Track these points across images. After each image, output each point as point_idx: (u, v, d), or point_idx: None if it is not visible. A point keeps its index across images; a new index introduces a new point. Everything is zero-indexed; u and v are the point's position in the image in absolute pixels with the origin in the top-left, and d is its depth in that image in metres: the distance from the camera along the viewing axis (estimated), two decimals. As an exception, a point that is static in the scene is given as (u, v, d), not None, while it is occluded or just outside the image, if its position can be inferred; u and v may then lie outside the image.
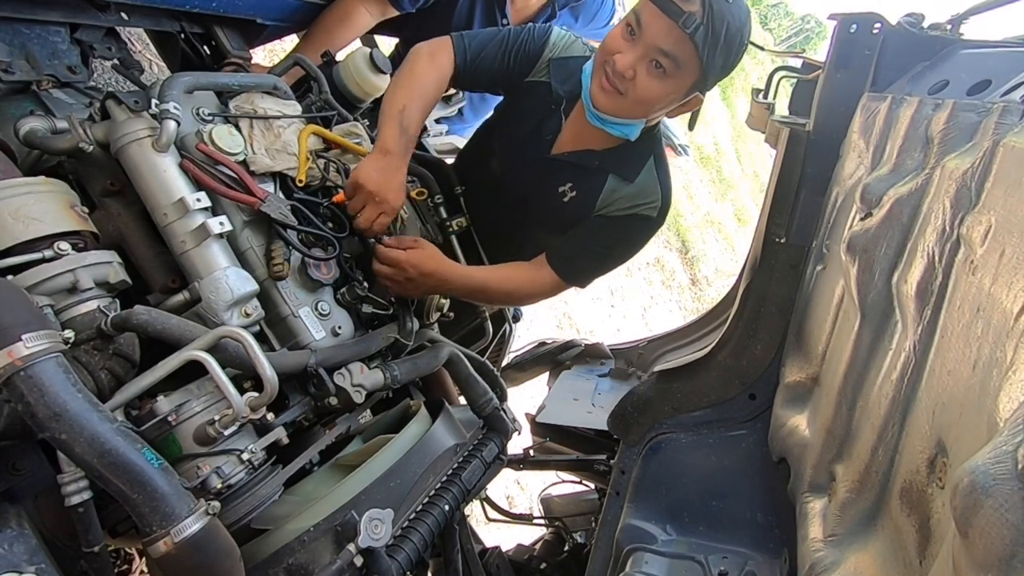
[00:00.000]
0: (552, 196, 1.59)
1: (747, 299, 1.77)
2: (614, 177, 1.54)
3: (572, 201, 1.58)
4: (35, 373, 0.75)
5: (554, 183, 1.59)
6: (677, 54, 1.29)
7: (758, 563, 1.55)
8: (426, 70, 1.47)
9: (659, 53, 1.30)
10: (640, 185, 1.54)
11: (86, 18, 1.37)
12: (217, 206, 1.15)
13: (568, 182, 1.58)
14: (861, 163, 1.47)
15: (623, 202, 1.55)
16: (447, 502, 1.23)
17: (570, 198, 1.58)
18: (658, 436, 1.81)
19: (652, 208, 1.55)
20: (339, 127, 1.46)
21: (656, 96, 1.37)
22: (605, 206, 1.56)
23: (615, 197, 1.55)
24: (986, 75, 1.24)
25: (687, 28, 1.24)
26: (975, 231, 0.89)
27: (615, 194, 1.55)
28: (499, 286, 1.58)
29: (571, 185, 1.58)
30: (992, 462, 0.56)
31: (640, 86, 1.34)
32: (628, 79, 1.34)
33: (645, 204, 1.54)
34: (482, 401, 1.47)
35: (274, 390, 0.96)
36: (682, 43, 1.27)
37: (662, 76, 1.33)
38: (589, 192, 1.56)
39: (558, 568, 2.12)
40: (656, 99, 1.38)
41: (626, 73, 1.33)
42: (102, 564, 0.88)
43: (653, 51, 1.30)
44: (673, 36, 1.27)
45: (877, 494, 1.06)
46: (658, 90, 1.35)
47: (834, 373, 1.31)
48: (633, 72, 1.33)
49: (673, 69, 1.31)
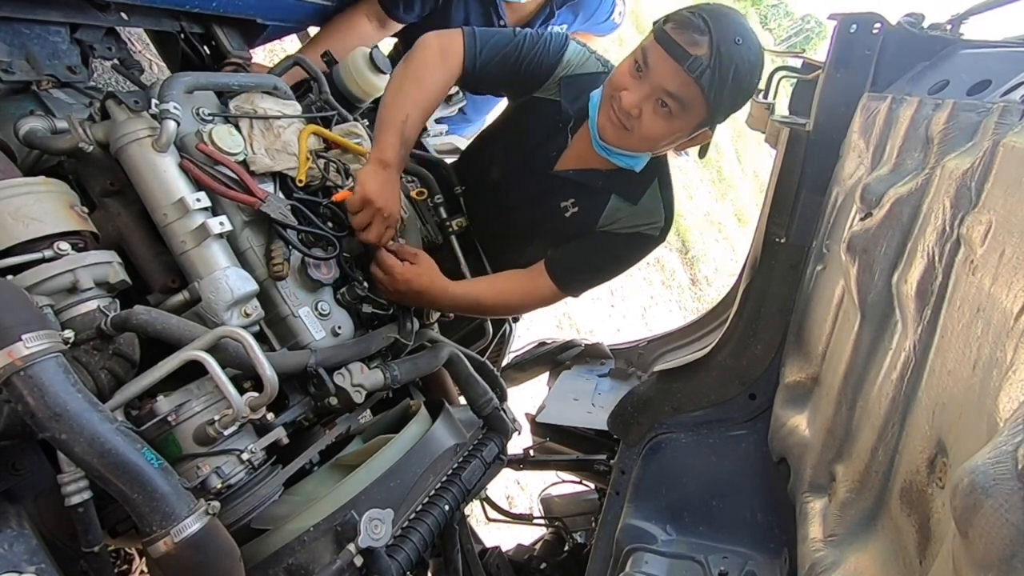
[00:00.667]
0: (553, 210, 1.59)
1: (747, 299, 1.77)
2: (617, 197, 1.55)
3: (574, 217, 1.58)
4: (35, 373, 0.75)
5: (556, 198, 1.59)
6: (683, 96, 1.28)
7: (758, 563, 1.55)
8: (433, 73, 1.42)
9: (665, 94, 1.29)
10: (643, 206, 1.55)
11: (86, 18, 1.37)
12: (217, 206, 1.15)
13: (571, 198, 1.58)
14: (861, 163, 1.47)
15: (626, 221, 1.55)
16: (447, 502, 1.23)
17: (572, 213, 1.58)
18: (658, 436, 1.81)
19: (655, 228, 1.56)
20: (339, 127, 1.46)
21: (661, 135, 1.37)
22: (608, 224, 1.56)
23: (618, 216, 1.55)
24: (986, 75, 1.24)
25: (692, 72, 1.24)
26: (975, 231, 0.89)
27: (618, 213, 1.55)
28: (494, 301, 1.58)
29: (573, 201, 1.58)
30: (992, 462, 0.56)
31: (645, 124, 1.34)
32: (634, 117, 1.33)
33: (648, 224, 1.56)
34: (482, 401, 1.47)
35: (274, 390, 0.96)
36: (688, 86, 1.26)
37: (668, 116, 1.32)
38: (591, 209, 1.56)
39: (558, 568, 2.12)
40: (661, 137, 1.38)
41: (632, 111, 1.33)
42: (102, 564, 0.88)
43: (659, 91, 1.29)
44: (679, 79, 1.26)
45: (877, 494, 1.06)
46: (663, 129, 1.35)
47: (834, 373, 1.31)
48: (639, 111, 1.32)
49: (679, 110, 1.31)
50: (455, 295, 1.50)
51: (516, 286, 1.60)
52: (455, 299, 1.50)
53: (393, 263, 1.38)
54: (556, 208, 1.59)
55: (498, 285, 1.60)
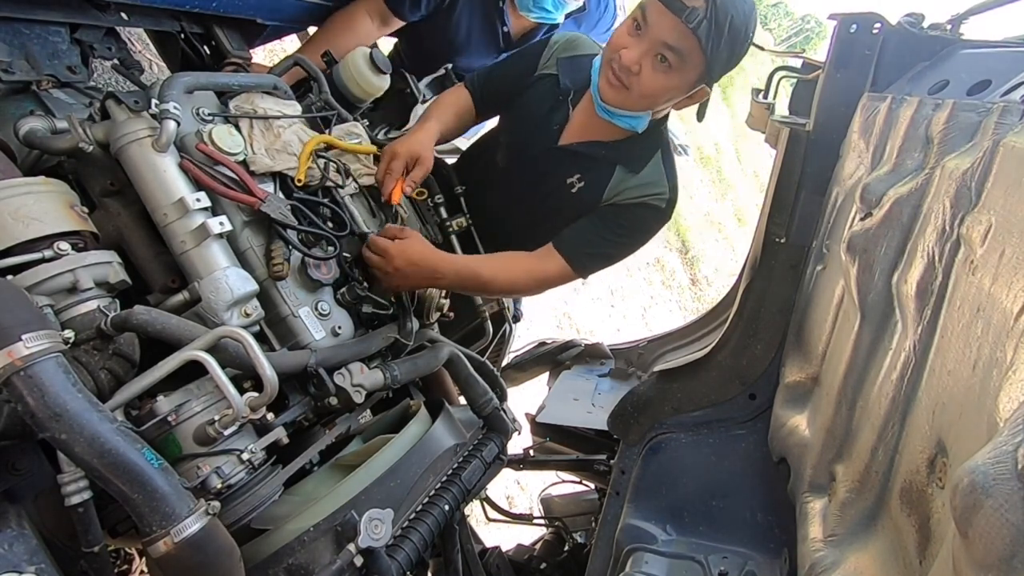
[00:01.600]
0: (560, 187, 1.60)
1: (747, 299, 1.77)
2: (621, 168, 1.56)
3: (580, 192, 1.59)
4: (35, 373, 0.75)
5: (562, 174, 1.60)
6: (681, 48, 1.31)
7: (758, 563, 1.55)
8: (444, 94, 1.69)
9: (664, 47, 1.32)
10: (647, 176, 1.56)
11: (86, 18, 1.37)
12: (217, 206, 1.15)
13: (576, 173, 1.59)
14: (861, 163, 1.47)
15: (631, 192, 1.56)
16: (447, 502, 1.23)
17: (578, 189, 1.59)
18: (658, 436, 1.81)
19: (660, 199, 1.56)
20: (339, 127, 1.46)
21: (661, 89, 1.40)
22: (613, 196, 1.57)
23: (623, 187, 1.56)
24: (986, 75, 1.24)
25: (690, 23, 1.27)
26: (975, 231, 0.89)
27: (622, 184, 1.56)
28: (495, 275, 1.56)
29: (579, 176, 1.59)
30: (992, 462, 0.56)
31: (645, 80, 1.37)
32: (634, 73, 1.37)
33: (653, 195, 1.56)
34: (482, 401, 1.47)
35: (274, 390, 0.96)
36: (686, 37, 1.29)
37: (667, 70, 1.36)
38: (597, 183, 1.57)
39: (558, 568, 2.12)
40: (661, 92, 1.41)
41: (632, 68, 1.36)
42: (102, 564, 0.88)
43: (658, 45, 1.33)
44: (678, 31, 1.29)
45: (877, 494, 1.06)
46: (663, 83, 1.38)
47: (834, 373, 1.31)
48: (639, 67, 1.36)
49: (678, 63, 1.34)
50: (454, 260, 1.51)
51: (521, 263, 1.59)
52: (454, 265, 1.50)
53: (385, 242, 1.39)
54: (563, 184, 1.60)
55: (501, 260, 1.59)
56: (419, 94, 1.95)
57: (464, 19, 2.01)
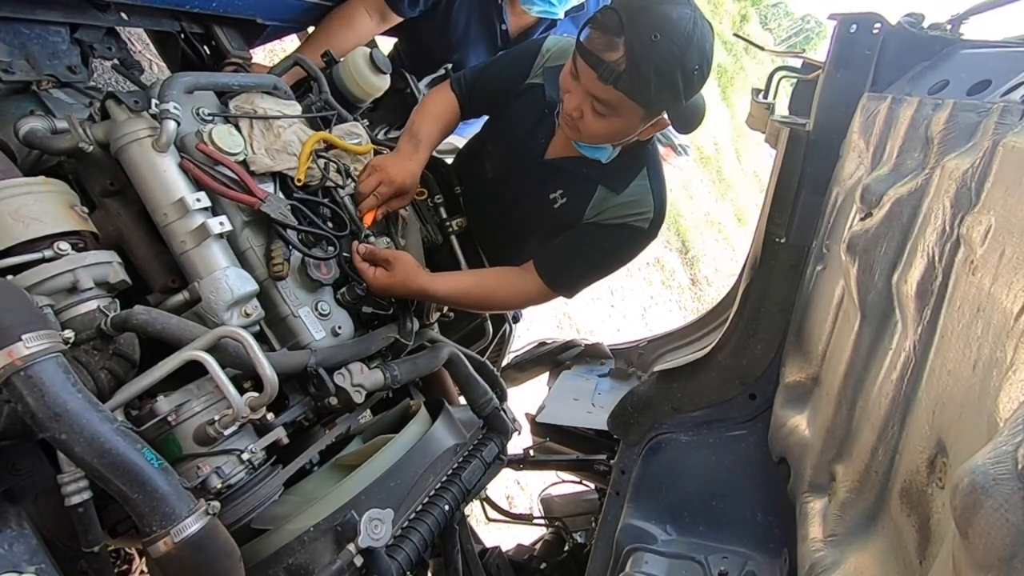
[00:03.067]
0: (544, 202, 1.59)
1: (747, 299, 1.77)
2: (603, 187, 1.54)
3: (562, 208, 1.58)
4: (35, 373, 0.75)
5: (546, 188, 1.59)
6: (609, 100, 1.30)
7: (758, 563, 1.55)
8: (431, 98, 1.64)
9: (594, 99, 1.32)
10: (630, 196, 1.53)
11: (86, 18, 1.37)
12: (217, 206, 1.15)
13: (559, 188, 1.58)
14: (861, 163, 1.47)
15: (612, 212, 1.54)
16: (447, 502, 1.23)
17: (560, 204, 1.58)
18: (658, 436, 1.81)
19: (643, 220, 1.53)
20: (339, 127, 1.46)
21: (605, 134, 1.40)
22: (596, 214, 1.55)
23: (605, 206, 1.54)
24: (986, 75, 1.24)
25: (607, 80, 1.25)
26: (975, 231, 0.89)
27: (605, 203, 1.54)
28: (478, 297, 1.56)
29: (562, 192, 1.58)
30: (992, 462, 0.56)
31: (587, 125, 1.38)
32: (576, 119, 1.37)
33: (636, 215, 1.53)
34: (482, 401, 1.47)
35: (274, 390, 0.96)
36: (609, 91, 1.28)
37: (604, 117, 1.34)
38: (579, 200, 1.55)
39: (558, 568, 2.12)
40: (606, 137, 1.41)
41: (573, 114, 1.37)
42: (102, 564, 0.88)
43: (590, 97, 1.32)
44: (599, 86, 1.28)
45: (877, 494, 1.06)
46: (606, 128, 1.38)
47: (834, 373, 1.31)
48: (580, 112, 1.36)
49: (611, 112, 1.33)
50: (438, 291, 1.47)
51: (504, 283, 1.58)
52: (438, 296, 1.49)
53: (364, 269, 1.34)
54: (546, 200, 1.59)
55: (486, 281, 1.59)
56: (419, 94, 1.95)
57: (463, 16, 2.01)
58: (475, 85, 1.64)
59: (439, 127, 1.61)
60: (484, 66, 1.68)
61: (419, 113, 1.60)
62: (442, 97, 1.64)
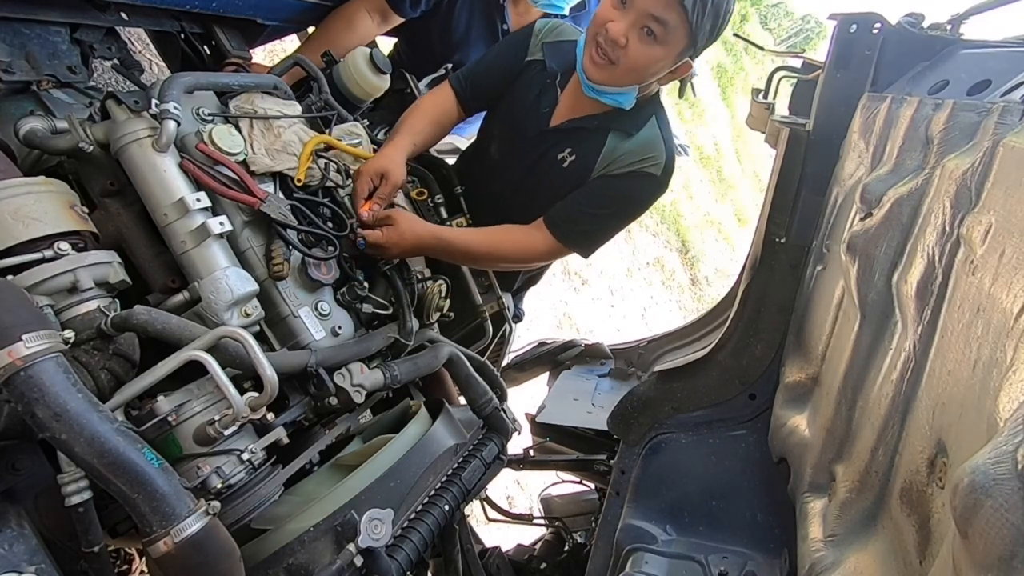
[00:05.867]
0: (552, 165, 1.60)
1: (747, 299, 1.77)
2: (615, 135, 1.55)
3: (571, 165, 1.58)
4: (35, 373, 0.75)
5: (553, 152, 1.60)
6: (667, 19, 1.33)
7: (758, 563, 1.55)
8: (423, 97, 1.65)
9: (650, 19, 1.33)
10: (641, 141, 1.55)
11: (86, 18, 1.37)
12: (217, 206, 1.15)
13: (567, 147, 1.59)
14: (861, 163, 1.47)
15: (625, 159, 1.54)
16: (447, 502, 1.23)
17: (569, 163, 1.58)
18: (658, 436, 1.81)
19: (655, 166, 1.54)
20: (339, 127, 1.46)
21: (648, 62, 1.41)
22: (606, 165, 1.56)
23: (616, 155, 1.55)
24: (986, 75, 1.24)
25: None
26: (975, 231, 0.89)
27: (615, 152, 1.55)
28: (486, 249, 1.57)
29: (570, 150, 1.58)
30: (992, 462, 0.56)
31: (632, 53, 1.38)
32: (621, 47, 1.37)
33: (648, 161, 1.54)
34: (482, 401, 1.47)
35: (274, 390, 0.96)
36: (672, 9, 1.31)
37: (653, 42, 1.37)
38: (588, 154, 1.57)
39: (558, 568, 2.12)
40: (647, 65, 1.42)
41: (619, 40, 1.37)
42: (102, 564, 0.88)
43: (644, 17, 1.34)
44: (663, 2, 1.31)
45: (877, 494, 1.06)
46: (650, 55, 1.39)
47: (834, 373, 1.31)
48: (626, 39, 1.37)
49: (664, 35, 1.35)
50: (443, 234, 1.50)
51: (513, 236, 1.59)
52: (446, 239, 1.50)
53: (376, 237, 1.37)
54: (554, 162, 1.60)
55: (495, 234, 1.59)
56: (419, 94, 1.95)
57: (464, 16, 2.01)
58: (474, 76, 1.66)
59: (426, 120, 1.62)
60: (479, 61, 1.71)
61: (407, 110, 1.63)
62: (435, 94, 1.67)
